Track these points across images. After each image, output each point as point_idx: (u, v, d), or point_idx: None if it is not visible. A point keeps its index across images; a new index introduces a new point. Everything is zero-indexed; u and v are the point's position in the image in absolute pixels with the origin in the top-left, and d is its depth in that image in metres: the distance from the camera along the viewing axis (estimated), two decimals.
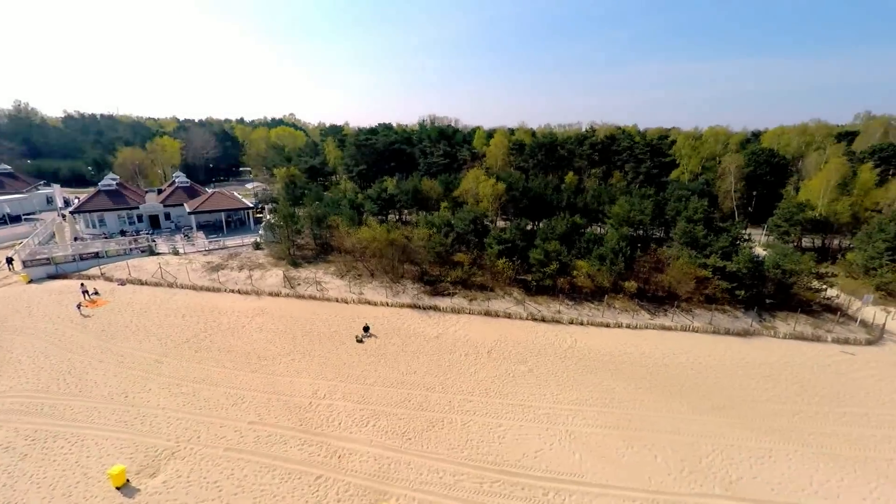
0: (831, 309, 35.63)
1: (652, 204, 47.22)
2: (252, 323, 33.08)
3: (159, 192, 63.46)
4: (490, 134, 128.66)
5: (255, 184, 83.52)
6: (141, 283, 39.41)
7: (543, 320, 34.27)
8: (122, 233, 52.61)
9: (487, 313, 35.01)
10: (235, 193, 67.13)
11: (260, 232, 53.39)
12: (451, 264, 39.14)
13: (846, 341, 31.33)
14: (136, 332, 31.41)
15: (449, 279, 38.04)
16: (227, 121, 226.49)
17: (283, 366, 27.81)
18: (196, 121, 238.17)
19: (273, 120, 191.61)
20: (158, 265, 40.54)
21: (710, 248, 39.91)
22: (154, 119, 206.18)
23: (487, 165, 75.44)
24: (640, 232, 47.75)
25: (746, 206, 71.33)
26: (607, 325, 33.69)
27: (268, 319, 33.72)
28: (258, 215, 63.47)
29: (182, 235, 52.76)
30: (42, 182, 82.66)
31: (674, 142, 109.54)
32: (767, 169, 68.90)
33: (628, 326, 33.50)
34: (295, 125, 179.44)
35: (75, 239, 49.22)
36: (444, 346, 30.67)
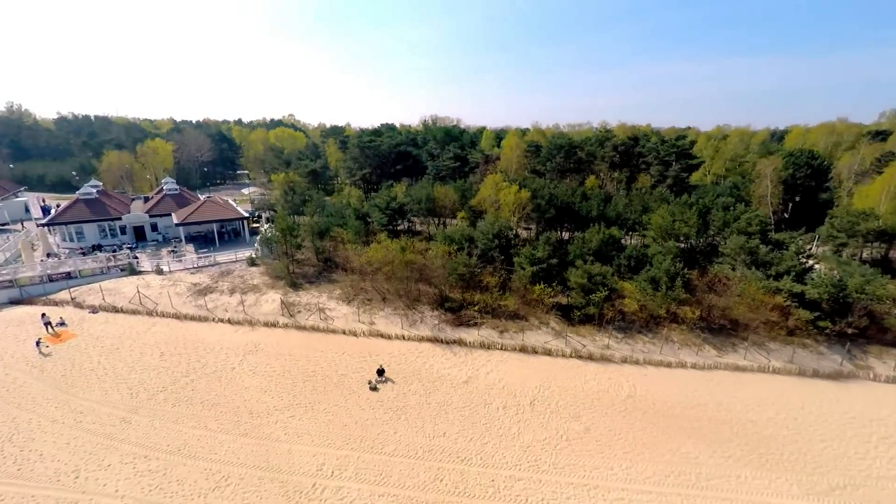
0: None
1: (696, 214, 41.69)
2: (244, 364, 27.61)
3: (146, 199, 58.03)
4: (499, 136, 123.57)
5: (252, 189, 78.16)
6: (116, 310, 33.95)
7: (591, 358, 28.81)
8: (98, 247, 47.09)
9: (523, 349, 29.55)
10: (230, 200, 61.67)
11: (256, 245, 47.94)
12: (477, 287, 33.68)
13: None
14: (102, 377, 25.94)
15: (475, 307, 32.50)
16: (224, 122, 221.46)
17: (280, 426, 22.36)
18: (193, 122, 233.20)
19: (272, 121, 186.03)
20: (137, 289, 35.05)
21: (776, 266, 34.49)
22: (149, 120, 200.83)
23: (501, 169, 70.01)
24: (684, 245, 42.15)
25: (782, 211, 65.81)
26: (668, 365, 28.23)
27: (262, 359, 28.26)
28: (254, 225, 58.02)
29: (170, 249, 47.32)
30: (23, 188, 77.25)
31: (693, 142, 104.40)
32: (808, 172, 63.36)
33: (694, 366, 28.04)
34: (294, 126, 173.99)
35: (48, 255, 43.77)
36: (477, 394, 25.22)
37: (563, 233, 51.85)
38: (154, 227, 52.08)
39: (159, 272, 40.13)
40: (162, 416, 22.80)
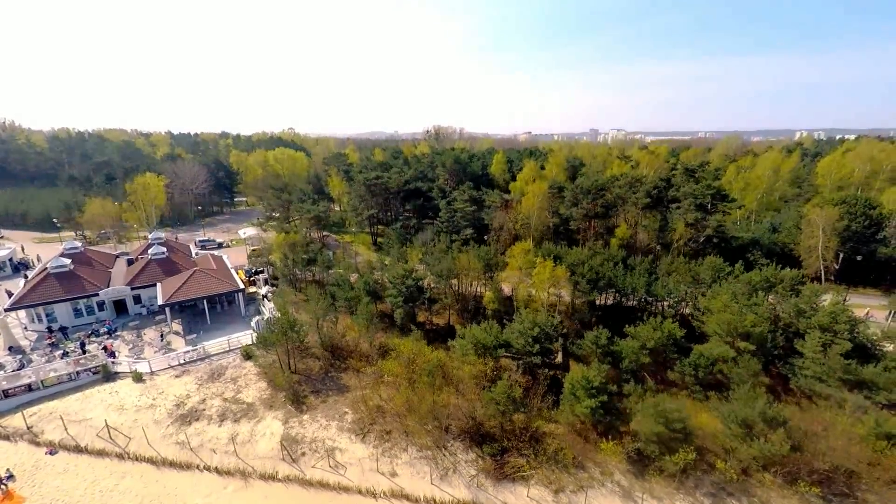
0: None
1: (768, 312, 35.42)
2: None
3: (129, 261, 51.99)
4: (509, 158, 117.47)
5: (250, 232, 71.95)
6: (79, 449, 27.80)
7: None
8: (64, 331, 40.95)
9: None
10: (224, 258, 55.64)
11: (253, 324, 41.89)
12: (520, 425, 27.50)
13: None
14: None
15: (524, 451, 26.34)
16: (223, 135, 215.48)
17: None
18: (192, 135, 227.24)
19: (271, 138, 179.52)
20: (105, 423, 28.87)
21: (886, 393, 28.34)
22: (145, 136, 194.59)
23: (523, 216, 63.94)
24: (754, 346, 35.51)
25: (832, 264, 59.54)
26: None
27: None
28: (251, 290, 51.96)
29: (154, 328, 41.29)
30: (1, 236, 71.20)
31: (718, 170, 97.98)
32: (865, 223, 57.17)
33: None
34: (294, 143, 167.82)
35: (10, 350, 37.68)
36: None
37: (606, 298, 45.55)
38: (137, 299, 46.02)
39: (138, 378, 33.95)
40: None
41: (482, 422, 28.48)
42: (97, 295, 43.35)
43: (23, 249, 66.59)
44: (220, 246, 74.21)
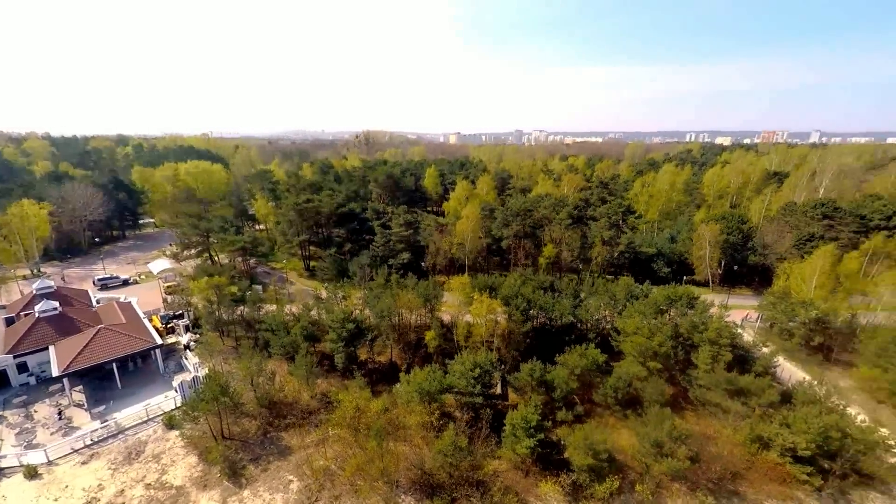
0: None
1: (670, 330, 41.03)
2: None
3: (8, 321, 44.36)
4: (441, 170, 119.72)
5: (164, 264, 64.61)
6: None
7: None
8: None
9: None
10: (134, 305, 49.92)
11: (175, 384, 38.26)
12: (467, 471, 28.84)
13: None
14: None
15: (472, 497, 27.67)
16: (121, 140, 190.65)
17: None
18: (79, 139, 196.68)
19: (181, 147, 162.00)
20: None
21: (756, 399, 34.49)
22: (14, 142, 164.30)
23: (458, 240, 65.93)
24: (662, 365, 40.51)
25: (716, 269, 70.10)
26: None
27: None
28: (170, 341, 47.23)
29: (50, 413, 35.83)
30: None
31: (627, 182, 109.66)
32: (739, 236, 68.23)
33: None
34: (209, 153, 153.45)
35: None
36: None
37: (538, 320, 48.89)
38: (22, 368, 39.55)
39: (32, 474, 29.35)
40: None
41: (432, 472, 29.36)
42: None
43: None
44: (125, 283, 66.02)
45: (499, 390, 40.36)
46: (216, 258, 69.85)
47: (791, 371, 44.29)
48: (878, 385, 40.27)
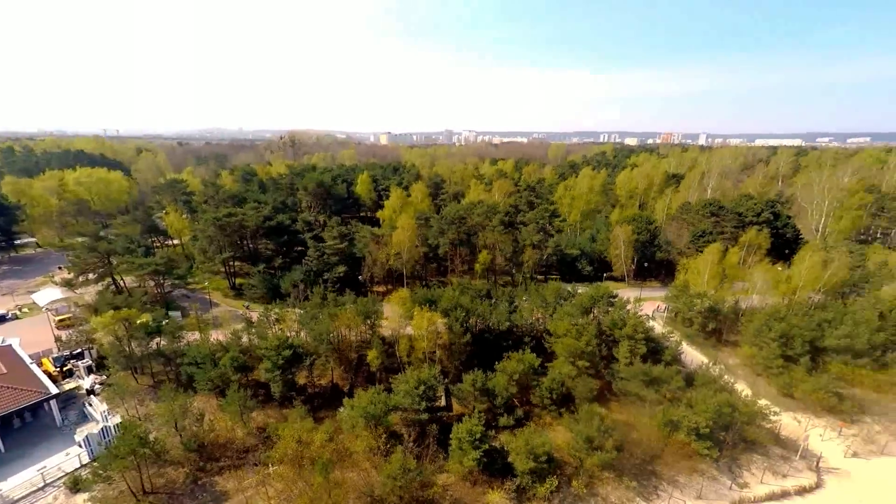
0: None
1: (595, 329, 45.13)
2: None
3: None
4: (374, 178, 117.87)
5: (53, 294, 55.53)
6: None
7: None
8: None
9: None
10: (16, 347, 42.67)
11: (80, 439, 33.42)
12: (417, 491, 29.28)
13: (804, 489, 33.30)
14: None
15: None
16: None
17: None
18: None
19: (68, 151, 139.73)
20: None
21: (666, 386, 39.43)
22: None
23: (396, 250, 65.71)
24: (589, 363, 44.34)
25: (630, 265, 78.30)
26: None
27: None
28: (68, 387, 41.11)
29: None
30: None
31: (552, 185, 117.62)
32: (647, 235, 76.82)
33: None
34: (105, 158, 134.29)
35: None
36: None
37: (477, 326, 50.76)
38: None
39: None
40: None
41: (382, 497, 29.29)
42: None
43: None
44: (2, 320, 55.81)
45: (443, 402, 41.32)
46: (121, 283, 61.98)
47: (692, 355, 51.20)
48: (756, 361, 48.22)
